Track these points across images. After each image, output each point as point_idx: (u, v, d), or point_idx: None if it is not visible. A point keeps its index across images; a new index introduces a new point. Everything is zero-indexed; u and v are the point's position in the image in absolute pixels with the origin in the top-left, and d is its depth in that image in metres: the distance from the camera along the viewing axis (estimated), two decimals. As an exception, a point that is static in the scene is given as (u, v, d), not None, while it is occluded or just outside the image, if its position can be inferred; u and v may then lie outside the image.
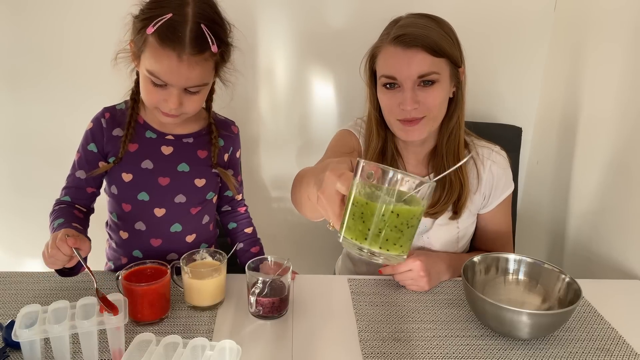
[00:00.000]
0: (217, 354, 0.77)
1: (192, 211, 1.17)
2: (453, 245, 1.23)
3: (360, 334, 0.95)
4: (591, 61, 1.41)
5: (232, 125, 1.24)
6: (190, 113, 1.06)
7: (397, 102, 1.07)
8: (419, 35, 1.03)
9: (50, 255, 0.93)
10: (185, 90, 1.02)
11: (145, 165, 1.11)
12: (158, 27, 0.95)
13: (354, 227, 0.66)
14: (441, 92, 1.07)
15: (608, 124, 1.32)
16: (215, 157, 1.17)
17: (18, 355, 0.85)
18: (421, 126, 1.09)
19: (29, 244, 1.77)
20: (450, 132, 1.14)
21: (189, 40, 0.96)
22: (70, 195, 1.14)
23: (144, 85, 1.03)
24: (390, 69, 1.06)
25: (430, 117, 1.09)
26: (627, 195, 1.25)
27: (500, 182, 1.19)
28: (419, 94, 1.06)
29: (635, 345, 0.94)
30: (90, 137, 1.13)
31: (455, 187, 1.15)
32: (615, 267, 1.28)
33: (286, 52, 1.60)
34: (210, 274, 0.98)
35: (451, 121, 1.13)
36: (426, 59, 1.04)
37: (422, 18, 1.07)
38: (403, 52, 1.04)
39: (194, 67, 0.98)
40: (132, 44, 1.03)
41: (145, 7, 1.00)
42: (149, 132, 1.13)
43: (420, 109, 1.07)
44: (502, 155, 1.21)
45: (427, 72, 1.04)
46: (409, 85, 1.05)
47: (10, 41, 1.54)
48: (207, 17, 0.99)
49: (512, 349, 0.92)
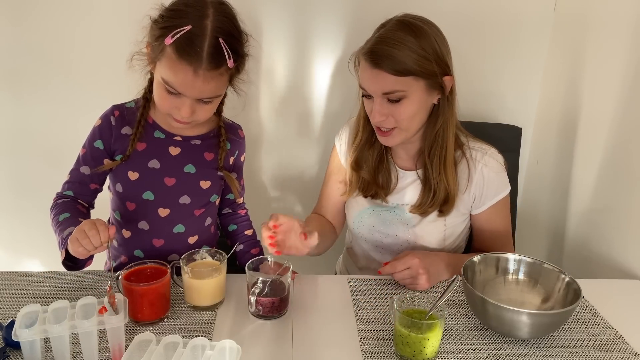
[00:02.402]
0: (217, 353, 0.77)
1: (196, 213, 1.17)
2: (440, 242, 1.23)
3: (360, 334, 0.95)
4: (591, 61, 1.41)
5: (239, 130, 1.24)
6: (201, 120, 1.07)
7: (370, 110, 1.12)
8: (385, 55, 1.04)
9: (89, 235, 0.93)
10: (198, 100, 1.01)
11: (152, 164, 1.12)
12: (176, 39, 0.94)
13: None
14: (409, 106, 1.08)
15: (608, 123, 1.32)
16: (222, 160, 1.17)
17: (18, 355, 0.85)
18: (394, 135, 1.12)
19: (29, 244, 1.77)
20: (435, 137, 1.14)
21: (206, 55, 0.95)
22: (73, 189, 1.14)
23: (157, 91, 1.03)
24: (362, 81, 1.11)
25: (402, 128, 1.11)
26: (626, 194, 1.25)
27: (492, 185, 1.19)
28: (388, 107, 1.08)
29: (635, 345, 0.94)
30: (97, 134, 1.13)
31: (439, 191, 1.16)
32: (615, 266, 1.28)
33: (287, 53, 1.60)
34: (210, 274, 0.98)
35: (435, 126, 1.14)
36: (388, 79, 1.05)
37: (402, 30, 1.05)
38: (370, 69, 1.06)
39: (209, 81, 0.98)
40: (149, 48, 1.02)
41: (165, 14, 0.99)
42: (158, 132, 1.13)
43: (389, 120, 1.10)
44: (496, 159, 1.19)
45: (390, 91, 1.06)
46: (378, 99, 1.08)
47: (10, 41, 1.54)
48: (226, 31, 0.98)
49: (512, 348, 0.92)
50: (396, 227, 1.24)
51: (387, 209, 1.24)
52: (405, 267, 1.08)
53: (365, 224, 1.27)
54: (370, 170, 1.22)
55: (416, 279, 1.08)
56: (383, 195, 1.23)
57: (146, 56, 1.04)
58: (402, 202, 1.23)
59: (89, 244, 0.93)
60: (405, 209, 1.22)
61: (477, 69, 1.63)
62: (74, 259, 1.03)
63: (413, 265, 1.07)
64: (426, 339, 0.85)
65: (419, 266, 1.07)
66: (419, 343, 0.85)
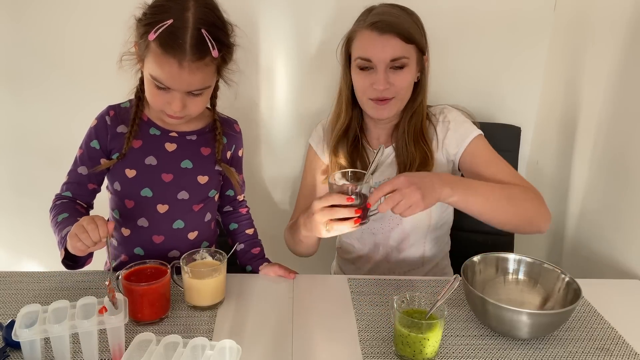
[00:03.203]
0: (217, 353, 0.77)
1: (195, 208, 1.17)
2: (425, 220, 1.24)
3: (360, 334, 0.95)
4: (591, 61, 1.41)
5: (235, 124, 1.25)
6: (194, 114, 1.08)
7: (371, 82, 1.16)
8: (393, 22, 1.13)
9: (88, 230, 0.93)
10: (188, 93, 1.03)
11: (149, 161, 1.12)
12: (159, 34, 0.96)
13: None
14: (409, 75, 1.17)
15: (608, 123, 1.32)
16: (219, 152, 1.18)
17: (18, 355, 0.85)
18: (391, 105, 1.19)
19: (29, 244, 1.77)
20: (413, 112, 1.23)
21: (189, 47, 0.96)
22: (71, 190, 1.15)
23: (148, 88, 1.05)
24: (366, 52, 1.15)
25: (399, 98, 1.19)
26: (626, 194, 1.25)
27: (458, 129, 1.21)
28: (390, 76, 1.15)
29: (635, 345, 0.94)
30: (93, 134, 1.14)
31: (415, 162, 1.20)
32: (615, 266, 1.28)
33: (287, 52, 1.60)
34: (210, 274, 0.98)
35: (415, 102, 1.23)
36: (398, 45, 1.13)
37: (394, 8, 1.18)
38: (378, 37, 1.13)
39: (195, 72, 0.99)
40: (136, 46, 1.04)
41: (147, 12, 1.01)
42: (153, 129, 1.14)
43: (390, 89, 1.16)
44: (456, 109, 1.26)
45: (398, 56, 1.14)
46: (382, 67, 1.14)
47: (11, 41, 1.54)
48: (208, 22, 0.99)
49: (512, 348, 0.92)
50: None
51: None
52: (392, 188, 0.97)
53: None
54: (346, 157, 1.26)
55: (409, 197, 0.96)
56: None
57: (135, 55, 1.06)
58: (382, 179, 1.25)
59: (88, 239, 0.93)
60: None
61: (477, 68, 1.62)
62: (73, 257, 1.03)
63: (399, 184, 0.97)
64: (426, 339, 0.85)
65: (407, 183, 0.97)
66: (419, 343, 0.85)
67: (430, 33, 1.21)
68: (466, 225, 1.42)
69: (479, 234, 1.46)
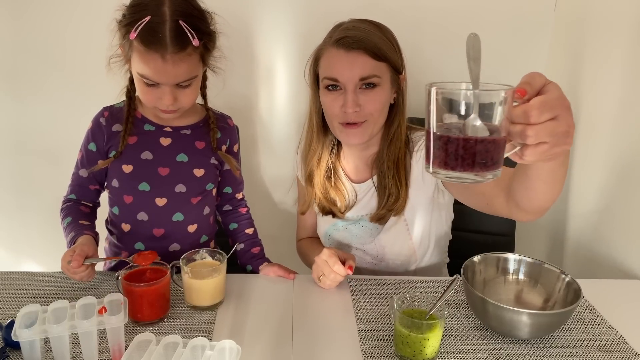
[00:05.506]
0: (217, 354, 0.77)
1: (193, 201, 1.18)
2: (407, 244, 1.19)
3: (360, 334, 0.95)
4: (591, 61, 1.41)
5: (229, 119, 1.27)
6: (186, 106, 1.10)
7: (339, 104, 1.08)
8: (361, 38, 1.05)
9: (72, 274, 0.98)
10: (177, 86, 1.05)
11: (145, 156, 1.14)
12: (139, 32, 0.98)
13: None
14: (382, 95, 1.08)
15: (608, 123, 1.32)
16: (215, 141, 1.19)
17: (18, 355, 0.85)
18: (362, 129, 1.10)
19: (29, 244, 1.77)
20: (392, 137, 1.14)
21: (169, 40, 0.98)
22: (75, 193, 1.19)
23: (138, 87, 1.07)
24: (333, 71, 1.07)
25: (371, 122, 1.10)
26: (627, 195, 1.25)
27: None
28: (360, 97, 1.07)
29: (635, 345, 0.93)
30: (90, 137, 1.16)
31: (393, 191, 1.14)
32: (616, 267, 1.28)
33: (286, 52, 1.60)
34: (210, 274, 0.98)
35: (392, 126, 1.14)
36: (368, 62, 1.05)
37: (364, 23, 1.09)
38: (345, 55, 1.05)
39: (178, 64, 1.01)
40: (121, 48, 1.06)
41: (126, 12, 1.03)
42: (148, 125, 1.16)
43: (361, 112, 1.08)
44: None
45: (368, 75, 1.05)
46: (351, 87, 1.06)
47: (11, 41, 1.54)
48: (185, 13, 1.01)
49: (512, 349, 0.92)
50: (364, 239, 1.23)
51: (353, 223, 1.23)
52: (551, 114, 0.63)
53: (335, 240, 1.27)
54: (320, 188, 1.22)
55: (566, 134, 0.64)
56: (339, 212, 1.22)
57: (122, 56, 1.08)
58: (364, 213, 1.22)
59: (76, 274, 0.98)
60: (367, 219, 1.21)
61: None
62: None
63: (555, 102, 0.64)
64: (426, 339, 0.85)
65: (562, 105, 0.64)
66: (419, 343, 0.85)
67: (430, 33, 1.21)
68: (466, 225, 1.42)
69: (479, 234, 1.46)
